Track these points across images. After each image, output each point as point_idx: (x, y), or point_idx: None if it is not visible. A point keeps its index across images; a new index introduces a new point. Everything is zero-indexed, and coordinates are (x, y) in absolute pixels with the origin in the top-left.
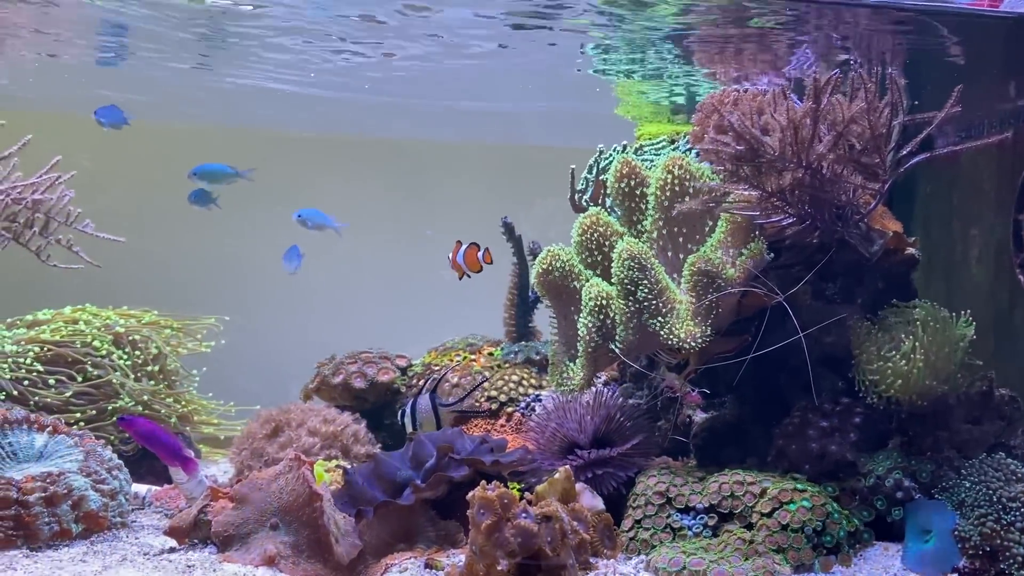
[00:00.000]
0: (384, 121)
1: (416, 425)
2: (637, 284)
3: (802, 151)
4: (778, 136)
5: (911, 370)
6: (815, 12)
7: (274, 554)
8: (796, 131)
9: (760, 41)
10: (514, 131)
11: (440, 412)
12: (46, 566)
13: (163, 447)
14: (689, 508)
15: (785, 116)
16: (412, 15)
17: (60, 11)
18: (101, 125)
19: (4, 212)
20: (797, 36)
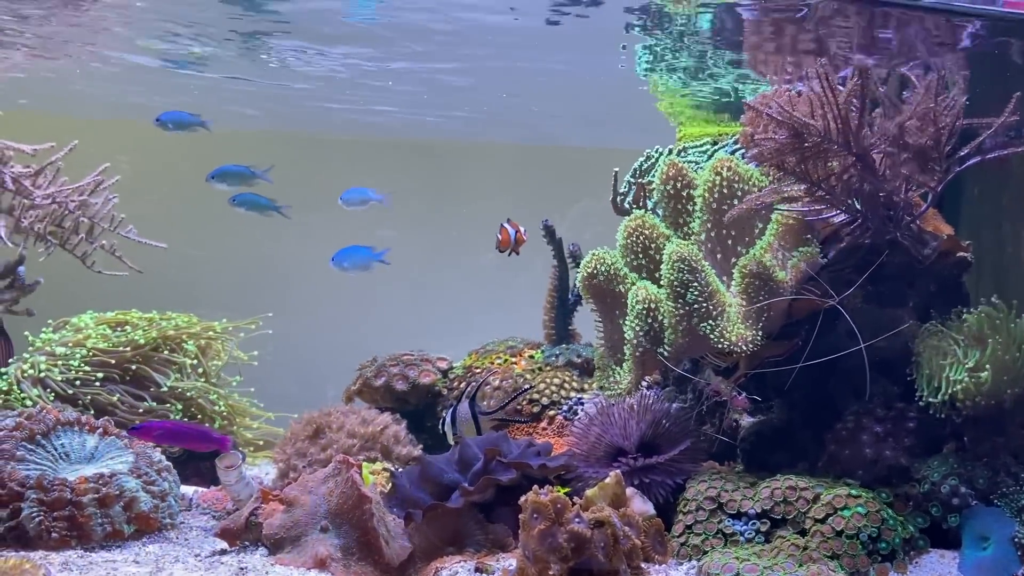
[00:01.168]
0: (420, 123)
1: (456, 432)
2: (687, 287)
3: (849, 132)
4: (820, 115)
5: (979, 372)
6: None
7: (325, 556)
8: (840, 110)
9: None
10: (549, 132)
11: (480, 420)
12: (101, 566)
13: (190, 436)
14: (741, 513)
15: (830, 95)
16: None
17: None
18: (166, 129)
19: (50, 216)
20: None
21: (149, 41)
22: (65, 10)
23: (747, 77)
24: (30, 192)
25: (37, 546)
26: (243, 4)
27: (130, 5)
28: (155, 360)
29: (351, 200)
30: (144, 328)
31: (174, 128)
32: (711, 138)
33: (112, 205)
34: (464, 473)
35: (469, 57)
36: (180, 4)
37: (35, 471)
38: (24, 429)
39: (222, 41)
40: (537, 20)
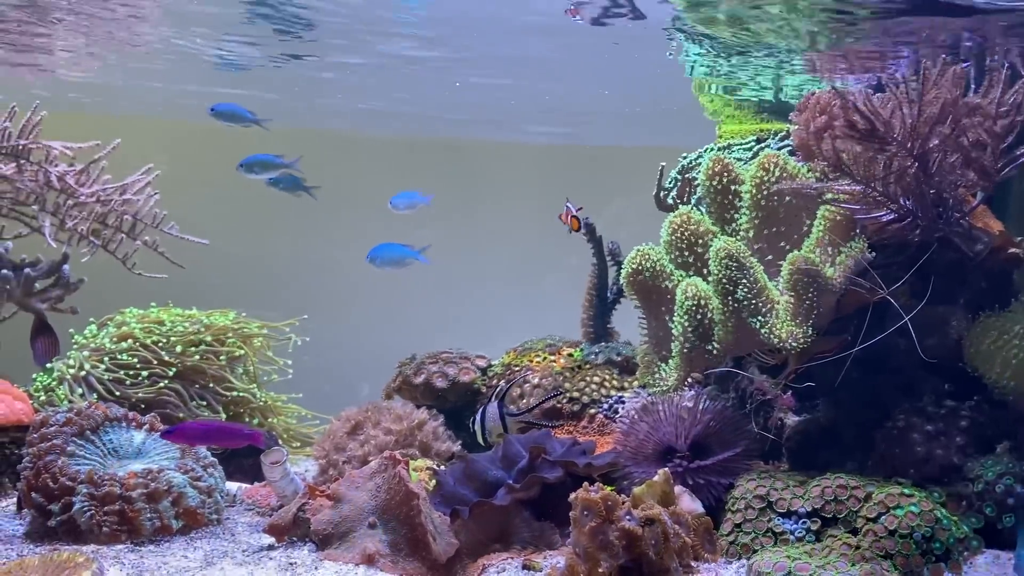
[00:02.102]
0: (456, 123)
1: (485, 433)
2: (736, 283)
3: (914, 138)
4: (898, 118)
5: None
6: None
7: (373, 552)
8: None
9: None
10: (583, 131)
11: (507, 421)
12: (151, 560)
13: (223, 435)
14: (791, 512)
15: (906, 101)
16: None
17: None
18: (219, 118)
19: (94, 215)
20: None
21: (192, 41)
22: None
23: (794, 72)
24: (75, 191)
25: (88, 540)
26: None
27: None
28: (201, 356)
29: (400, 204)
30: (187, 325)
31: (227, 121)
32: (754, 135)
33: (154, 202)
34: (508, 471)
35: (505, 55)
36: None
37: (85, 466)
38: (74, 425)
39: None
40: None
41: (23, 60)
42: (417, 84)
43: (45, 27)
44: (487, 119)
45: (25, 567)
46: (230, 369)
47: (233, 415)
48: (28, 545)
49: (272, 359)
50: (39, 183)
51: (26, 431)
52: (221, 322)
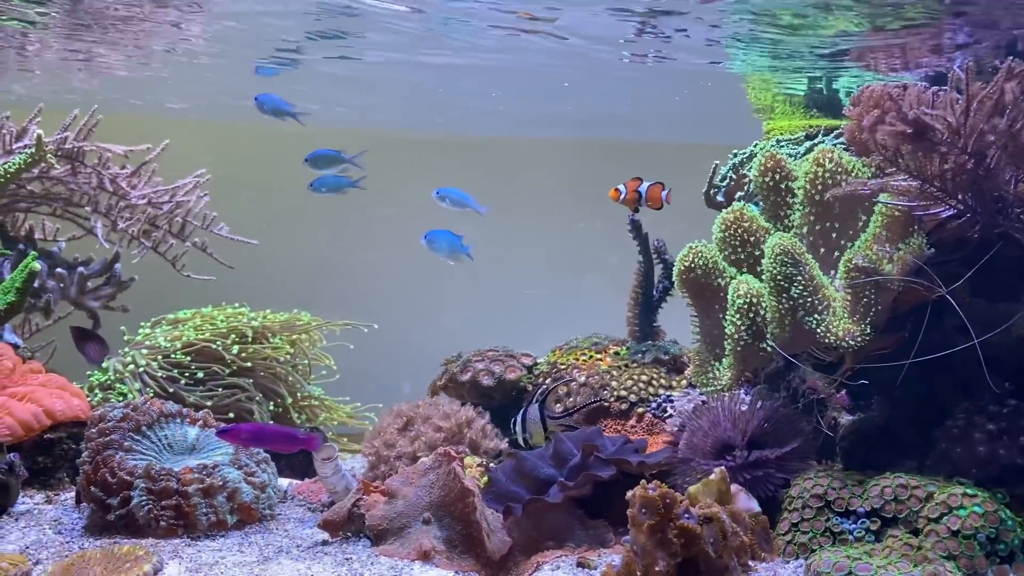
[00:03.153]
0: (499, 121)
1: (526, 435)
2: (791, 280)
3: (968, 135)
4: (951, 116)
5: None
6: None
7: (429, 548)
8: (971, 112)
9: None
10: (626, 127)
11: (548, 424)
12: (208, 555)
13: (277, 438)
14: (849, 512)
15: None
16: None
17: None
18: (262, 111)
19: (145, 217)
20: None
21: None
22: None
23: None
24: (127, 193)
25: (146, 534)
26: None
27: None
28: (253, 354)
29: (448, 198)
30: (241, 323)
31: (269, 112)
32: (804, 131)
33: (204, 203)
34: (559, 468)
35: (550, 52)
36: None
37: (142, 461)
38: (131, 420)
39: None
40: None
41: (76, 60)
42: (456, 87)
43: (96, 31)
44: (527, 118)
45: (87, 559)
46: (286, 367)
47: (283, 410)
48: (88, 538)
49: (321, 356)
50: (93, 185)
51: (83, 427)
52: (275, 321)
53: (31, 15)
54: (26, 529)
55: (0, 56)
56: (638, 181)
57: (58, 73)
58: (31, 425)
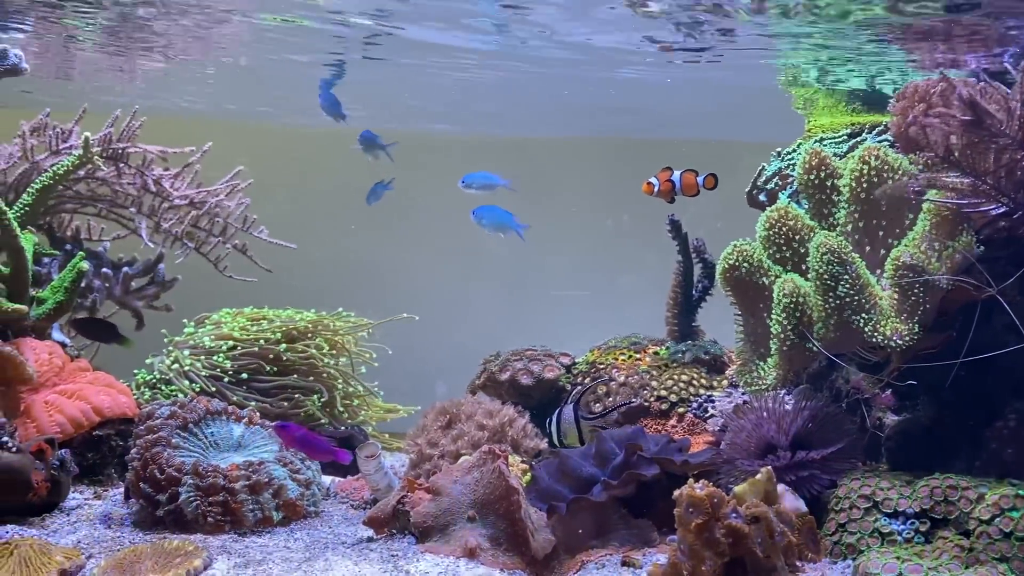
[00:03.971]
0: (535, 120)
1: (560, 436)
2: (837, 279)
3: None
4: (1005, 108)
5: None
6: None
7: (475, 546)
8: None
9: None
10: (663, 125)
11: (582, 425)
12: (256, 551)
13: (316, 449)
14: (897, 512)
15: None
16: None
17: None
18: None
19: (187, 217)
20: None
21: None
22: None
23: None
24: (169, 194)
25: (194, 529)
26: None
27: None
28: (300, 353)
29: (474, 184)
30: (280, 323)
31: (364, 147)
32: (847, 128)
33: (245, 207)
34: (602, 468)
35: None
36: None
37: (190, 458)
38: (178, 418)
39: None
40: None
41: (119, 64)
42: (522, 90)
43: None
44: (559, 117)
45: (138, 554)
46: (330, 366)
47: (328, 408)
48: (137, 533)
49: (360, 354)
50: (137, 186)
51: (130, 424)
52: (319, 321)
53: (79, 22)
54: (77, 524)
55: (44, 60)
56: (669, 171)
57: (98, 76)
58: (80, 422)
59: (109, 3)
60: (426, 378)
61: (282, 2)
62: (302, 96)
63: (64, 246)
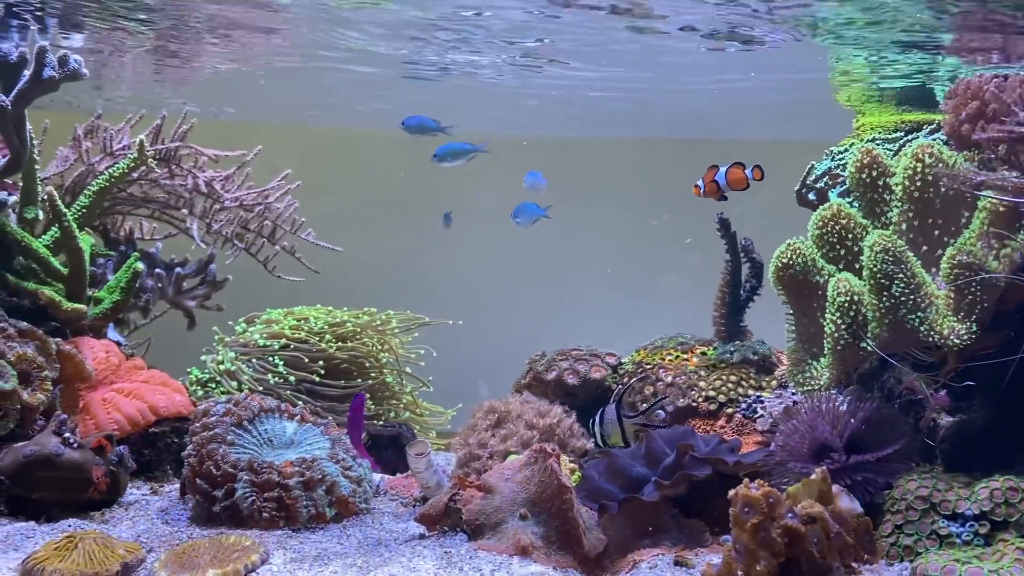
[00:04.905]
0: (575, 120)
1: (604, 435)
2: (892, 278)
3: None
4: None
5: None
6: None
7: (527, 544)
8: None
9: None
10: (704, 124)
11: (625, 424)
12: (310, 547)
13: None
14: (956, 515)
15: None
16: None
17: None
18: (410, 132)
19: (237, 219)
20: None
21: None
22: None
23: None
24: (220, 196)
25: (249, 525)
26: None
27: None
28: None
29: (524, 221)
30: (329, 322)
31: (417, 134)
32: (897, 126)
33: (293, 209)
34: (652, 468)
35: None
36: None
37: (245, 455)
38: (233, 415)
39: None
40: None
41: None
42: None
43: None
44: (603, 118)
45: (197, 548)
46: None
47: (375, 404)
48: (193, 528)
49: (407, 356)
50: (188, 188)
51: (184, 421)
52: (365, 320)
53: (133, 25)
54: (135, 519)
55: (96, 64)
56: (715, 170)
57: (147, 83)
58: (137, 420)
59: (159, 10)
60: (466, 378)
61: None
62: (348, 97)
63: (118, 247)
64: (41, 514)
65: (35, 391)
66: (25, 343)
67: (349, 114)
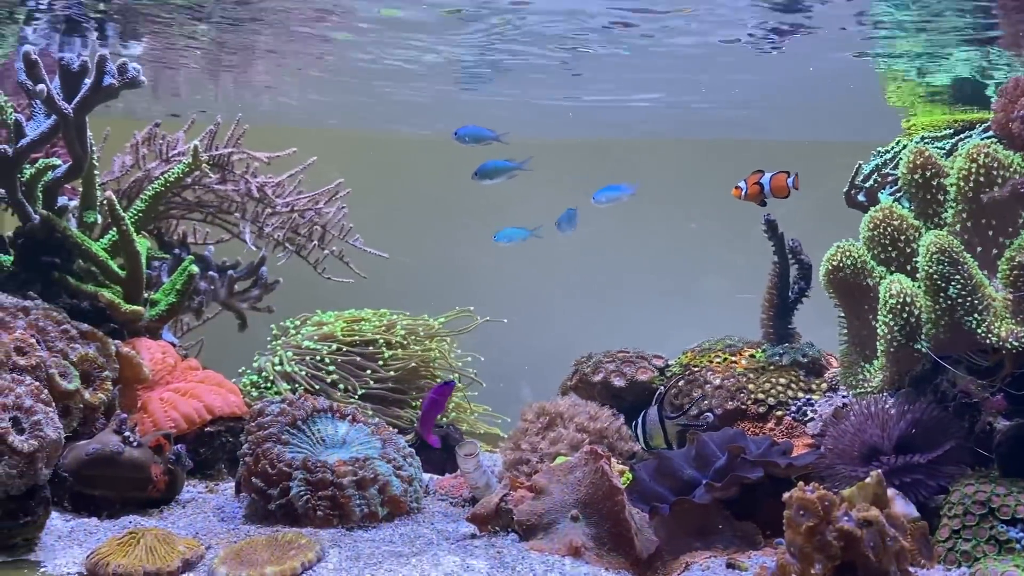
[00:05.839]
0: (620, 121)
1: (647, 437)
2: (948, 280)
3: None
4: None
5: None
6: None
7: (579, 545)
8: None
9: None
10: (750, 125)
11: (667, 425)
12: (364, 545)
13: (425, 417)
14: (1016, 519)
15: None
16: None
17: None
18: (462, 142)
19: (289, 223)
20: None
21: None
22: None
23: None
24: (272, 201)
25: (304, 523)
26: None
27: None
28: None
29: (603, 199)
30: (379, 325)
31: (472, 143)
32: (948, 126)
33: (343, 215)
34: (702, 470)
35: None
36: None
37: (299, 454)
38: (287, 415)
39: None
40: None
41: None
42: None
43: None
44: (652, 120)
45: (254, 545)
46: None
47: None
48: (248, 526)
49: (453, 364)
50: (241, 192)
51: (238, 421)
52: (414, 323)
53: (194, 30)
54: (193, 516)
55: (154, 72)
56: (759, 174)
57: (200, 88)
58: (193, 419)
59: (211, 19)
60: (508, 380)
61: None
62: (396, 101)
63: (172, 250)
64: (103, 511)
65: (96, 391)
66: (87, 344)
67: (393, 118)
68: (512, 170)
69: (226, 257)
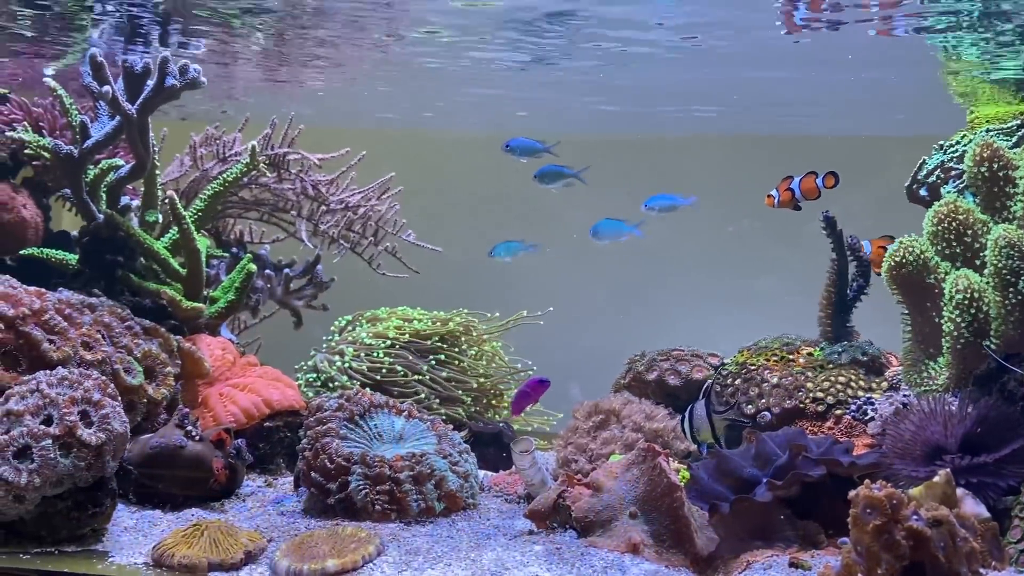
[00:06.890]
0: (661, 119)
1: (694, 432)
2: (1018, 274)
3: None
4: None
5: None
6: None
7: (638, 542)
8: None
9: None
10: (804, 120)
11: (714, 420)
12: (421, 540)
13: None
14: None
15: None
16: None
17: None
18: (513, 155)
19: (344, 220)
20: None
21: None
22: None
23: None
24: (326, 198)
25: (362, 517)
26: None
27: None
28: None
29: (656, 207)
30: (432, 323)
31: (521, 156)
32: (1016, 117)
33: (395, 211)
34: (762, 468)
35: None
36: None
37: (357, 449)
38: (345, 410)
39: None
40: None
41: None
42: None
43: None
44: (683, 113)
45: (315, 538)
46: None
47: (473, 403)
48: (307, 520)
49: (503, 362)
50: (296, 191)
51: (296, 416)
52: (465, 321)
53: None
54: (253, 510)
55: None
56: (789, 179)
57: (256, 91)
58: (252, 414)
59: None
60: (557, 379)
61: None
62: (450, 101)
63: (230, 249)
64: (166, 503)
65: (159, 386)
66: (150, 340)
67: (444, 118)
68: (570, 178)
69: (281, 256)
